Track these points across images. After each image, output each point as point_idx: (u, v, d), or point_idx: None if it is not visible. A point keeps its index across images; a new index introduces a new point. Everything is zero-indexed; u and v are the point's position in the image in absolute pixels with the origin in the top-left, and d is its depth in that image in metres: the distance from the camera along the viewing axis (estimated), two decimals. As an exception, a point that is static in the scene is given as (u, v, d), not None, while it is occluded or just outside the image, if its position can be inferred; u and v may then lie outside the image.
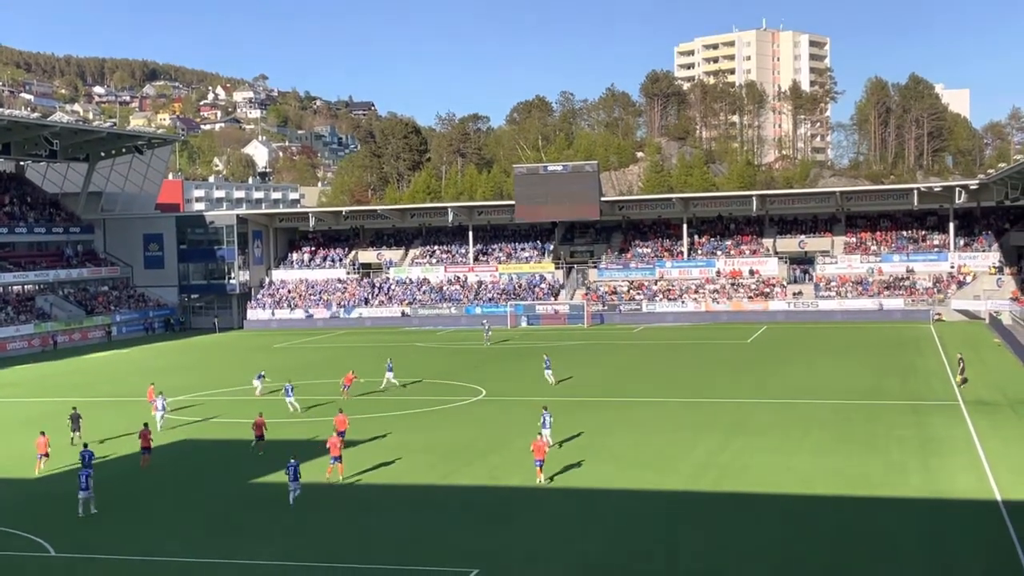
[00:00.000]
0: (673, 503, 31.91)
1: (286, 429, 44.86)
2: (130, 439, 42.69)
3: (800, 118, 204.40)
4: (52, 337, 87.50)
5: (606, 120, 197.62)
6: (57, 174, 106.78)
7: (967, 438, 38.91)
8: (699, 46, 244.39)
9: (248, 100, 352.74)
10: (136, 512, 32.77)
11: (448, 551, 27.71)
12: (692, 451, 38.33)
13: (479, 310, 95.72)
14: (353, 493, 34.22)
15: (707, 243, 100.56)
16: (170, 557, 27.83)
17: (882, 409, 45.53)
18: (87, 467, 33.71)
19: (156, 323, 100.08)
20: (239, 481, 36.32)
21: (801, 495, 31.93)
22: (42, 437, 38.80)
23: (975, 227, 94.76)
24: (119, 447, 42.20)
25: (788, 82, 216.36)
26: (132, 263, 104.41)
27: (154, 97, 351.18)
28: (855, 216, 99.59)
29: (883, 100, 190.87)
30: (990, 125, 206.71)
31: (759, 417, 44.57)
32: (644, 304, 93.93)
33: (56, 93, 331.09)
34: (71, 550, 28.72)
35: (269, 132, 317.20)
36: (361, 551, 27.98)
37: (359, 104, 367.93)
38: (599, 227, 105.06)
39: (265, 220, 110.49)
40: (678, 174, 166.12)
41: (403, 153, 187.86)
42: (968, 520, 29.00)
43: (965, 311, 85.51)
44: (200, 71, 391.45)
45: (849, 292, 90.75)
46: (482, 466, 37.25)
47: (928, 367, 58.60)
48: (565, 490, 33.51)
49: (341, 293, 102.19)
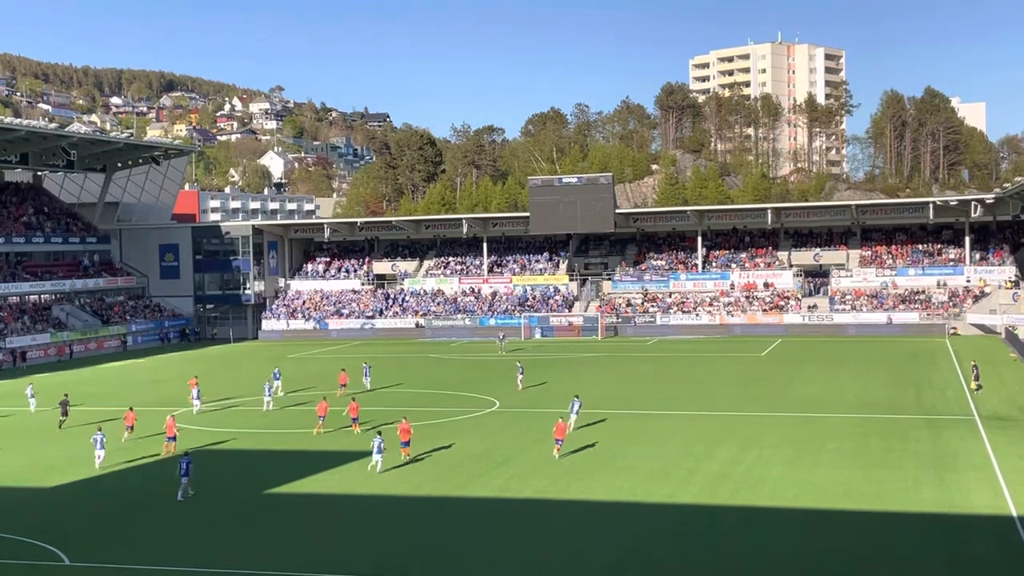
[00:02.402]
0: (687, 516, 31.80)
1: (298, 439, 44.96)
2: (143, 449, 42.86)
3: (815, 131, 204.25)
4: (68, 346, 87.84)
5: (621, 132, 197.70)
6: (74, 184, 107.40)
7: (983, 453, 38.70)
8: (714, 59, 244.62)
9: (264, 111, 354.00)
10: (151, 521, 32.82)
11: (459, 562, 27.67)
12: (707, 464, 38.20)
13: (493, 321, 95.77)
14: (366, 503, 34.23)
15: (722, 256, 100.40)
16: (184, 567, 27.85)
17: (897, 423, 45.32)
18: (187, 457, 36.06)
19: (171, 333, 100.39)
20: (255, 489, 36.36)
21: (817, 509, 31.78)
22: (130, 412, 46.05)
23: (991, 241, 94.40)
24: (132, 457, 42.26)
25: (803, 95, 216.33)
26: (148, 273, 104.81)
27: (171, 108, 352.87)
28: (870, 229, 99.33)
29: (899, 113, 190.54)
30: (1006, 139, 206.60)
31: (774, 430, 44.42)
32: (658, 316, 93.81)
33: (74, 104, 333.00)
34: (85, 559, 28.77)
35: (285, 143, 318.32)
36: (374, 561, 27.95)
37: (374, 115, 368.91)
38: (613, 239, 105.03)
39: (280, 231, 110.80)
40: (693, 186, 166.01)
41: (418, 164, 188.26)
42: (984, 536, 28.82)
43: (981, 325, 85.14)
44: (217, 82, 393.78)
45: (864, 306, 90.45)
46: (495, 477, 37.22)
47: (944, 381, 58.33)
48: (578, 502, 33.45)
49: (357, 304, 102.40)
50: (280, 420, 50.65)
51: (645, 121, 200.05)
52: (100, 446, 40.57)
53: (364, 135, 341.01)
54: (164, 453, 41.96)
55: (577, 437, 43.41)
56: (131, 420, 46.13)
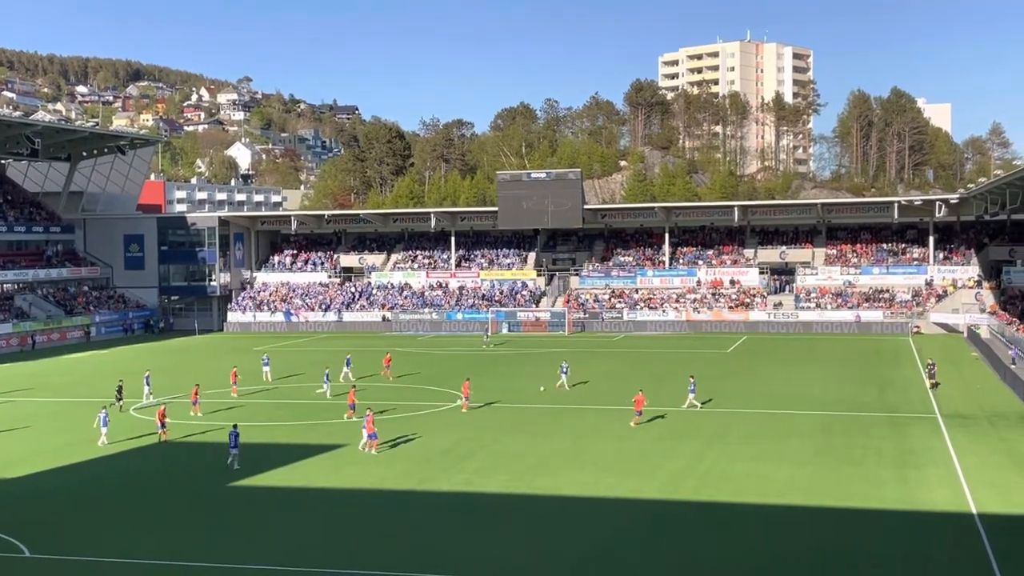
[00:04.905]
0: (651, 511, 31.93)
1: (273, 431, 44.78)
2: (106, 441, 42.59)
3: (783, 130, 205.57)
4: (31, 337, 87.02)
5: (590, 128, 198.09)
6: (38, 173, 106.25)
7: (944, 451, 39.11)
8: (683, 56, 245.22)
9: (232, 102, 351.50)
10: (113, 513, 32.59)
11: (422, 557, 27.64)
12: (672, 459, 38.37)
13: (460, 316, 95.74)
14: (327, 497, 34.14)
15: (689, 253, 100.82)
16: (145, 559, 27.65)
17: (860, 421, 45.72)
18: (235, 430, 38.31)
19: (136, 324, 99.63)
20: (220, 481, 36.17)
21: (779, 505, 32.00)
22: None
23: (955, 241, 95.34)
24: (95, 449, 41.93)
25: (771, 93, 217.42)
26: (112, 263, 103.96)
27: (137, 97, 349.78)
28: (836, 228, 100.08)
29: (865, 113, 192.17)
30: (971, 140, 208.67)
31: (738, 427, 44.71)
32: (625, 312, 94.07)
33: (39, 92, 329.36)
34: (46, 551, 28.52)
35: (252, 134, 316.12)
36: (331, 555, 27.86)
37: (343, 108, 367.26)
38: (581, 235, 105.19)
39: (247, 222, 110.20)
40: (661, 183, 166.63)
41: (387, 158, 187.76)
42: (944, 533, 29.13)
43: (944, 324, 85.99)
44: (184, 72, 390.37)
45: (829, 304, 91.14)
46: (461, 471, 37.21)
47: (906, 379, 58.87)
48: (544, 496, 33.49)
49: (324, 297, 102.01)
50: (253, 413, 50.31)
51: (614, 117, 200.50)
52: (104, 423, 42.40)
53: (333, 127, 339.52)
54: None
55: (543, 432, 43.65)
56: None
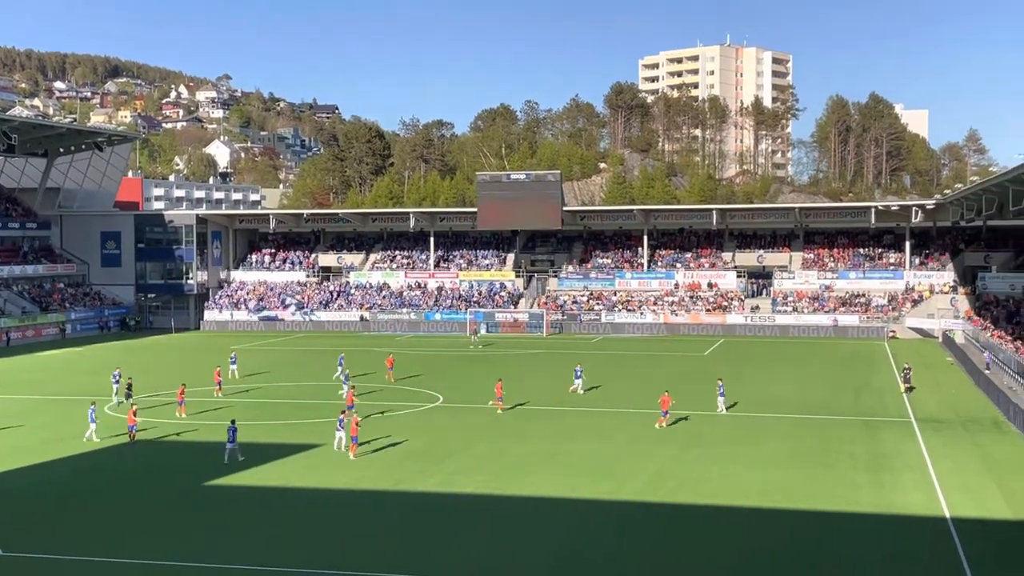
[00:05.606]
0: (627, 513, 32.01)
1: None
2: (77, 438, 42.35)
3: (761, 134, 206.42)
4: (5, 333, 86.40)
5: (570, 130, 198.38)
6: (15, 169, 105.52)
7: (918, 455, 39.38)
8: (664, 60, 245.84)
9: (211, 100, 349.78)
10: (88, 512, 32.42)
11: (398, 557, 27.63)
12: (648, 462, 38.48)
13: (439, 316, 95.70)
14: (304, 496, 34.07)
15: (667, 255, 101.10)
16: (121, 558, 27.54)
17: (835, 424, 45.99)
18: (233, 425, 38.81)
19: (112, 322, 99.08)
20: (196, 480, 36.04)
21: (755, 508, 32.12)
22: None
23: (931, 246, 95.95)
24: (69, 447, 41.71)
25: (750, 98, 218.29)
26: (88, 260, 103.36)
27: (116, 94, 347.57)
28: (813, 232, 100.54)
29: (843, 118, 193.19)
30: (948, 146, 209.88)
31: (715, 430, 44.88)
32: (603, 314, 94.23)
33: (16, 87, 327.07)
34: (20, 550, 28.34)
35: (231, 132, 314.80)
36: (307, 554, 27.80)
37: (323, 107, 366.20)
38: (560, 236, 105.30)
39: (225, 221, 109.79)
40: (640, 186, 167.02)
41: (366, 157, 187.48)
42: (918, 537, 29.32)
43: (919, 329, 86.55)
44: (163, 69, 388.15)
45: (805, 307, 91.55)
46: (437, 472, 37.20)
47: (881, 383, 59.23)
48: (520, 497, 33.52)
49: (301, 296, 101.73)
50: (231, 413, 50.11)
51: (594, 120, 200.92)
52: (92, 419, 42.37)
53: (312, 126, 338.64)
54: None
55: (521, 433, 43.69)
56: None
